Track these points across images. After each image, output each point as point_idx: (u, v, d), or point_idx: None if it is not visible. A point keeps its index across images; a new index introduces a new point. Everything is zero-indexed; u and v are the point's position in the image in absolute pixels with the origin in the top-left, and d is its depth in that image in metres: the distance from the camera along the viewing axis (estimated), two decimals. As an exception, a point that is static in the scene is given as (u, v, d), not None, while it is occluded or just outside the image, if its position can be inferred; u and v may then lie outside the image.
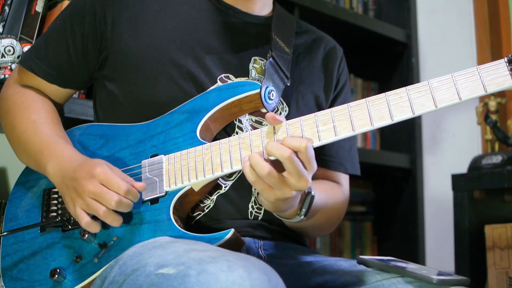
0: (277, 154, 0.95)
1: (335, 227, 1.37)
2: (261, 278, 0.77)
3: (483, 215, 1.99)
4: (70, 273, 1.08)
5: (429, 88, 0.96)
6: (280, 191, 0.98)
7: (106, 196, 1.01)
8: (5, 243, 1.17)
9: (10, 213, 1.21)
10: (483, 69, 0.95)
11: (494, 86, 0.94)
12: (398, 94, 0.98)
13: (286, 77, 1.21)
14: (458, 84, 0.95)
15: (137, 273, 0.90)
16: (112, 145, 1.17)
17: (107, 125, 1.20)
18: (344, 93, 1.37)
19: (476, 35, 2.54)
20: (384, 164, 2.43)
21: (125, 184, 1.02)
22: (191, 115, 1.12)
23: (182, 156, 1.08)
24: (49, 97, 1.27)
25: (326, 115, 1.01)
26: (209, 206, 1.13)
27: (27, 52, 1.28)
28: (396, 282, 1.02)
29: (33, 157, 1.17)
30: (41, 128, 1.18)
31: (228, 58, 1.21)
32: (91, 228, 1.05)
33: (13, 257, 1.15)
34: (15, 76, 1.29)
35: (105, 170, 1.02)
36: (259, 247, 1.15)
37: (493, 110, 2.12)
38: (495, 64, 0.95)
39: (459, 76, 0.96)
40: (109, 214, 1.02)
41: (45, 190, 1.18)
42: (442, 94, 0.96)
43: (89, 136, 1.20)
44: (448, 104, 0.96)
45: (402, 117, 0.97)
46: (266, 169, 0.95)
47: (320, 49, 1.35)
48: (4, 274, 1.15)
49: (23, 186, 1.23)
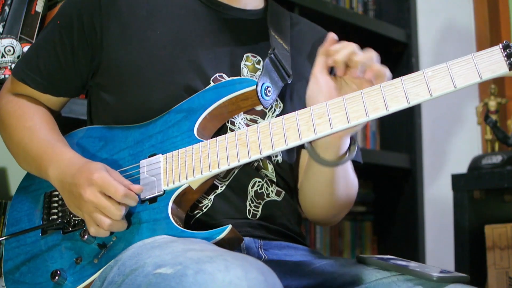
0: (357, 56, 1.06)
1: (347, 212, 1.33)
2: (258, 278, 0.77)
3: (483, 215, 1.99)
4: (70, 274, 1.08)
5: (424, 77, 0.97)
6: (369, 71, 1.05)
7: (110, 209, 1.01)
8: (7, 247, 1.18)
9: (12, 218, 1.21)
10: (478, 56, 0.94)
11: (489, 72, 0.93)
12: (393, 84, 0.98)
13: (288, 74, 1.20)
14: (452, 72, 0.95)
15: (135, 273, 0.90)
16: (112, 146, 1.17)
17: (106, 127, 1.20)
18: None
19: (476, 35, 2.54)
20: (384, 164, 2.43)
21: (122, 189, 1.01)
22: (189, 114, 1.12)
23: (180, 154, 1.08)
24: (43, 104, 1.26)
25: (321, 108, 1.02)
26: (207, 206, 1.13)
27: (19, 63, 1.28)
28: (396, 280, 1.02)
29: (33, 164, 1.17)
30: (36, 134, 1.18)
31: (221, 56, 1.21)
32: (100, 235, 1.05)
33: (15, 261, 1.15)
34: (8, 86, 1.29)
35: (102, 176, 1.02)
36: (259, 247, 1.15)
37: (493, 110, 2.12)
38: (490, 51, 0.94)
39: (454, 64, 0.96)
40: (115, 225, 1.03)
41: (46, 193, 1.19)
42: (437, 82, 0.96)
43: (88, 139, 1.21)
44: (443, 93, 0.96)
45: (398, 107, 0.98)
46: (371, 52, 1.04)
47: (311, 41, 1.35)
48: (6, 278, 1.15)
49: (25, 191, 1.23)
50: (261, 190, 1.18)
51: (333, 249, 2.46)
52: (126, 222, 1.05)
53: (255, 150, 1.03)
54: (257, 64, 1.23)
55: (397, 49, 2.61)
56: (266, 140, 1.03)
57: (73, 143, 1.21)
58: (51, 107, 1.28)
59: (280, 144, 1.02)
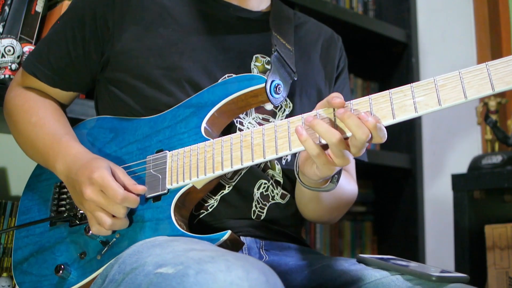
0: (357, 131, 0.91)
1: (344, 213, 1.33)
2: (259, 278, 0.77)
3: (483, 215, 1.99)
4: (74, 269, 1.09)
5: (434, 86, 0.92)
6: (340, 161, 0.95)
7: (112, 208, 1.02)
8: (18, 235, 1.19)
9: (23, 205, 1.23)
10: (493, 66, 0.88)
11: (503, 84, 0.87)
12: (403, 91, 0.94)
13: (293, 71, 1.20)
14: (464, 82, 0.90)
15: (135, 272, 0.90)
16: (121, 139, 1.17)
17: (118, 118, 1.20)
18: (343, 76, 1.37)
19: (476, 35, 2.54)
20: (384, 164, 2.43)
21: (121, 192, 1.01)
22: (197, 109, 1.11)
23: (185, 153, 1.08)
24: (52, 98, 1.27)
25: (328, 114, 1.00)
26: (213, 206, 1.14)
27: (29, 56, 1.28)
28: (395, 279, 1.03)
29: (41, 159, 1.18)
30: (42, 129, 1.18)
31: (230, 57, 1.21)
32: (102, 234, 1.06)
33: (24, 251, 1.17)
34: (18, 79, 1.30)
35: (103, 176, 1.02)
36: (260, 247, 1.16)
37: (493, 110, 2.12)
38: (505, 61, 0.87)
39: (467, 73, 0.90)
40: (116, 223, 1.04)
41: (56, 184, 1.19)
42: (447, 93, 0.91)
43: (99, 129, 1.21)
44: (453, 104, 0.91)
45: (405, 117, 0.93)
46: (337, 136, 0.92)
47: (318, 41, 1.35)
48: (15, 268, 1.17)
49: (37, 179, 1.24)
50: (266, 192, 1.18)
51: (333, 249, 2.46)
52: (128, 220, 1.05)
53: (259, 154, 1.01)
54: (267, 65, 1.23)
55: (397, 49, 2.61)
56: (270, 144, 1.01)
57: (84, 133, 1.21)
58: (60, 101, 1.28)
59: (284, 149, 0.99)
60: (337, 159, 0.95)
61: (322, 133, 0.94)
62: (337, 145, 0.93)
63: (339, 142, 0.92)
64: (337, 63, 1.36)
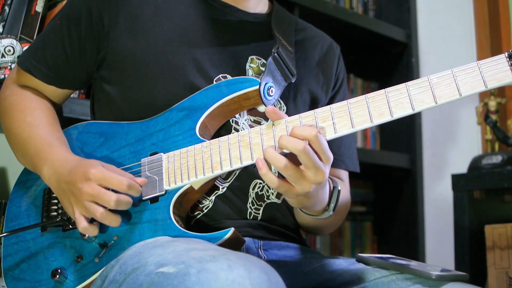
0: (291, 147, 0.94)
1: (340, 224, 1.37)
2: (261, 277, 0.77)
3: (483, 215, 1.99)
4: (71, 273, 1.08)
5: (429, 84, 0.96)
6: (299, 186, 0.97)
7: (104, 196, 1.01)
8: (7, 242, 1.18)
9: (11, 212, 1.21)
10: (484, 65, 0.94)
11: (495, 81, 0.94)
12: (399, 90, 0.98)
13: (292, 74, 1.20)
14: (458, 80, 0.95)
15: (137, 272, 0.90)
16: (112, 143, 1.17)
17: (107, 123, 1.20)
18: (343, 89, 1.38)
19: (476, 35, 2.54)
20: (384, 164, 2.43)
21: (126, 179, 1.02)
22: (190, 112, 1.12)
23: (182, 154, 1.08)
24: (47, 97, 1.27)
25: (325, 112, 1.01)
26: (208, 207, 1.13)
27: (25, 53, 1.28)
28: (395, 279, 1.03)
29: (29, 160, 1.17)
30: (35, 130, 1.17)
31: (225, 57, 1.21)
32: (88, 232, 1.05)
33: (15, 257, 1.15)
34: (13, 76, 1.29)
35: (100, 170, 1.02)
36: (259, 247, 1.16)
37: (493, 110, 2.12)
38: (495, 60, 0.94)
39: (459, 71, 0.95)
40: (107, 216, 1.02)
41: (45, 189, 1.18)
42: (442, 90, 0.95)
43: (88, 134, 1.20)
44: (448, 100, 0.95)
45: (402, 114, 0.97)
46: (283, 161, 0.94)
47: (317, 47, 1.35)
48: (6, 274, 1.15)
49: (24, 185, 1.23)
50: (261, 192, 1.18)
51: (333, 249, 2.46)
52: (120, 218, 1.04)
53: (258, 153, 1.02)
54: (262, 67, 1.23)
55: (397, 49, 2.61)
56: (269, 143, 1.02)
57: (72, 138, 1.21)
58: (54, 100, 1.28)
59: None
60: (296, 184, 0.97)
61: (270, 161, 0.96)
62: (284, 170, 0.95)
63: (284, 167, 0.95)
64: (335, 72, 1.36)
